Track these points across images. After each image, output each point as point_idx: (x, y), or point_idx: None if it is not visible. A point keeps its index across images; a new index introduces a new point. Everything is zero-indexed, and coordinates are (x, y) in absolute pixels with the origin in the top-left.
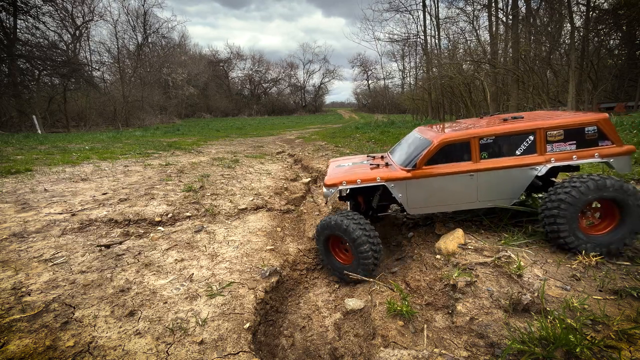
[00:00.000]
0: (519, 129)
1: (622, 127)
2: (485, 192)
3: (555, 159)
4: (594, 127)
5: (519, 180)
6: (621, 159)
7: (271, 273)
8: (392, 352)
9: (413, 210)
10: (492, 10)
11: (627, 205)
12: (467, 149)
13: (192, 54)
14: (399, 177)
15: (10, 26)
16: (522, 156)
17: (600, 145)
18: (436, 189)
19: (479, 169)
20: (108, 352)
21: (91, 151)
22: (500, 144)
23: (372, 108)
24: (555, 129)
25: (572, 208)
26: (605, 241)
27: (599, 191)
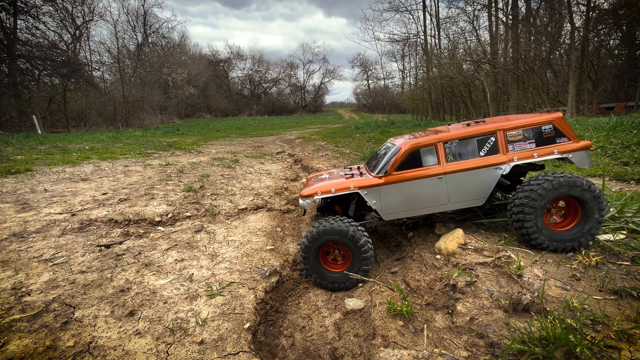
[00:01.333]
0: (481, 131)
1: (622, 127)
2: (455, 194)
3: (517, 157)
4: (550, 125)
5: (485, 180)
6: (579, 154)
7: (271, 273)
8: (392, 352)
9: (388, 216)
10: (492, 10)
11: (584, 201)
12: (434, 153)
13: (192, 54)
14: (371, 184)
15: (10, 26)
16: (487, 157)
17: (557, 142)
18: (408, 193)
19: (447, 172)
20: (108, 352)
21: (91, 151)
22: (464, 147)
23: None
24: (514, 129)
25: (535, 207)
26: (569, 237)
27: (556, 190)
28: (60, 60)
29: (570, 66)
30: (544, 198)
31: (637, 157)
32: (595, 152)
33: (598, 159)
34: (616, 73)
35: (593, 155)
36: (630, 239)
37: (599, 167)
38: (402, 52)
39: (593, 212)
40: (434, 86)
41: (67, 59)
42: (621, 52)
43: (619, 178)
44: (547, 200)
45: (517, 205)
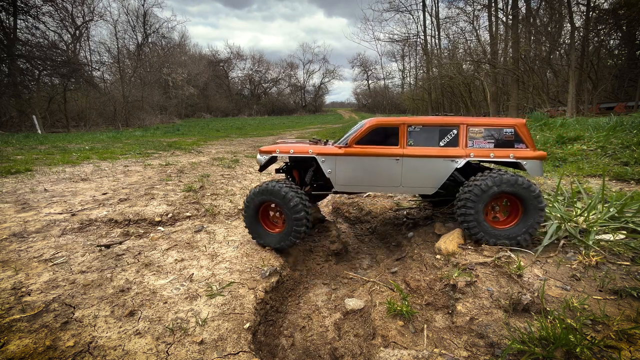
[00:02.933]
0: (445, 121)
1: (622, 127)
2: (409, 178)
3: (474, 154)
4: (512, 129)
5: (440, 170)
6: (532, 162)
7: (271, 273)
8: (392, 352)
9: (340, 187)
10: (492, 10)
11: (525, 200)
12: (396, 134)
13: (192, 54)
14: (330, 152)
15: (10, 26)
16: (445, 148)
17: (515, 147)
18: (363, 167)
19: (405, 154)
20: (108, 352)
21: (91, 151)
22: (427, 134)
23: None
24: (477, 126)
25: (477, 203)
26: (509, 234)
27: (498, 186)
28: (60, 60)
29: (570, 66)
30: (484, 195)
31: (637, 157)
32: (595, 152)
33: (598, 159)
34: (616, 73)
35: (593, 155)
36: (630, 239)
37: (599, 167)
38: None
39: (532, 212)
40: (434, 86)
41: (67, 59)
42: (621, 52)
43: (619, 178)
44: (488, 196)
45: (461, 199)
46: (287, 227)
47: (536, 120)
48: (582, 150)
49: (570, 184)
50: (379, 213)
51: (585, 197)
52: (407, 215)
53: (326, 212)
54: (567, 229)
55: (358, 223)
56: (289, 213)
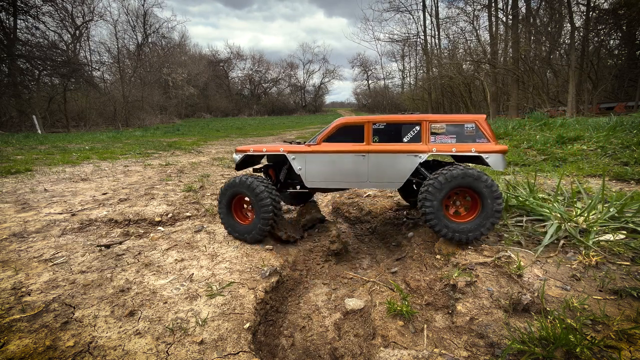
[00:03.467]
0: (408, 119)
1: (622, 127)
2: (375, 173)
3: (436, 149)
4: (472, 125)
5: (404, 165)
6: (494, 156)
7: (271, 273)
8: (392, 352)
9: (310, 184)
10: (492, 10)
11: (483, 195)
12: (362, 132)
13: (192, 54)
14: (299, 150)
15: (10, 26)
16: (409, 143)
17: (477, 141)
18: (331, 164)
19: (370, 151)
20: (108, 352)
21: (91, 151)
22: (390, 131)
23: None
24: (438, 122)
25: (436, 196)
26: (466, 228)
27: (456, 180)
28: (60, 60)
29: (570, 66)
30: (441, 189)
31: (637, 157)
32: (595, 152)
33: (598, 159)
34: (616, 73)
35: (593, 155)
36: (630, 239)
37: (599, 167)
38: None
39: (489, 203)
40: (434, 86)
41: (67, 59)
42: (621, 52)
43: (619, 178)
44: (444, 191)
45: (420, 198)
46: (255, 217)
47: (536, 120)
48: (582, 150)
49: (570, 184)
50: (379, 213)
51: (585, 197)
52: (407, 215)
53: (326, 212)
54: (567, 229)
55: (358, 223)
56: (256, 201)
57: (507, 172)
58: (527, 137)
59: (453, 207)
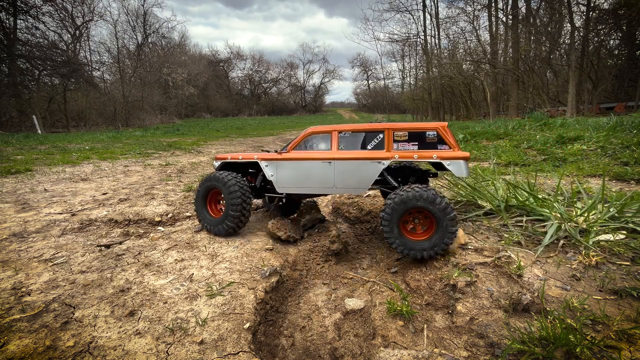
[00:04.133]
0: (372, 127)
1: (622, 127)
2: (340, 179)
3: (399, 155)
4: (434, 132)
5: (368, 171)
6: (456, 162)
7: (271, 273)
8: (392, 352)
9: (281, 189)
10: (492, 10)
11: (437, 217)
12: (329, 140)
13: (192, 54)
14: (271, 158)
15: (10, 26)
16: (373, 151)
17: (439, 148)
18: (300, 171)
19: (336, 158)
20: (108, 352)
21: (91, 151)
22: (356, 139)
23: (372, 108)
24: (400, 130)
25: (392, 216)
26: (421, 247)
27: (410, 202)
28: (60, 60)
29: (570, 66)
30: (397, 210)
31: (637, 157)
32: (595, 152)
33: (598, 159)
34: (616, 73)
35: (593, 155)
36: (630, 239)
37: (599, 167)
38: (402, 52)
39: (443, 225)
40: (434, 86)
41: (67, 59)
42: (621, 52)
43: (619, 178)
44: (400, 212)
45: (380, 212)
46: (224, 212)
47: (536, 120)
48: (582, 150)
49: (570, 184)
50: (379, 213)
51: (585, 197)
52: None
53: (326, 212)
54: (567, 229)
55: (358, 223)
56: (227, 198)
57: (507, 172)
58: (527, 137)
59: (412, 223)
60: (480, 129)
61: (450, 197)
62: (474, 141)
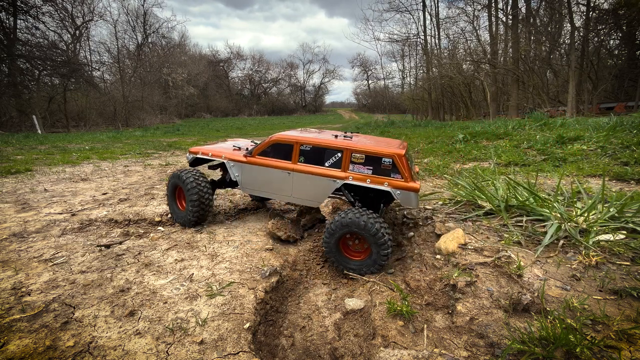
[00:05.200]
0: (332, 145)
1: (622, 127)
2: (298, 190)
3: (352, 177)
4: (390, 159)
5: (322, 187)
6: (404, 193)
7: (271, 273)
8: (392, 352)
9: (244, 190)
10: (492, 10)
11: (367, 238)
12: (290, 151)
13: (192, 54)
14: (237, 159)
15: (10, 26)
16: (329, 168)
17: (392, 176)
18: (262, 176)
19: (295, 169)
20: (108, 352)
21: (91, 151)
22: (316, 154)
23: (372, 108)
24: (358, 152)
25: (331, 238)
26: (358, 266)
27: (346, 227)
28: (60, 60)
29: (570, 66)
30: (334, 233)
31: (637, 157)
32: (595, 152)
33: (598, 159)
34: (616, 73)
35: (593, 155)
36: (630, 239)
37: (599, 167)
38: (402, 52)
39: (375, 247)
40: (434, 86)
41: (67, 59)
42: (621, 52)
43: (619, 178)
44: (337, 235)
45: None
46: (186, 204)
47: (536, 120)
48: (582, 150)
49: (570, 184)
50: None
51: (585, 197)
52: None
53: (326, 212)
54: (567, 229)
55: None
56: (187, 195)
57: (507, 172)
58: (527, 137)
59: (353, 243)
60: (480, 129)
61: (450, 197)
62: (474, 141)
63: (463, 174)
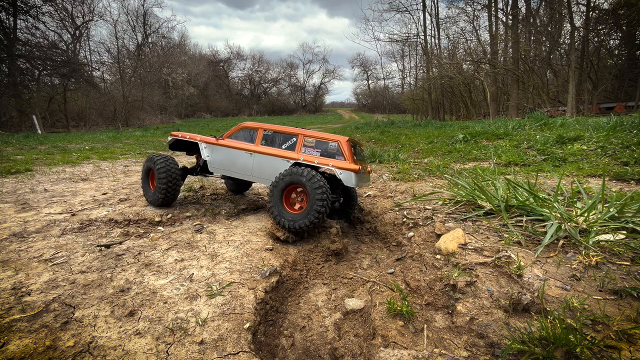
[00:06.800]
0: (289, 131)
1: (622, 127)
2: (257, 170)
3: (304, 158)
4: (335, 144)
5: (278, 166)
6: (345, 173)
7: (271, 273)
8: (392, 352)
9: (213, 170)
10: (492, 10)
11: (306, 188)
12: (255, 135)
13: (192, 54)
14: (209, 141)
15: (10, 26)
16: (285, 150)
17: (336, 158)
18: (228, 156)
19: (256, 151)
20: (108, 352)
21: (91, 151)
22: (275, 138)
23: (372, 108)
24: (310, 137)
25: (274, 190)
26: (295, 218)
27: (286, 177)
28: (60, 60)
29: (570, 66)
30: (277, 185)
31: (637, 157)
32: (595, 152)
33: (598, 159)
34: (616, 73)
35: (593, 155)
36: (630, 239)
37: (599, 167)
38: (402, 52)
39: (310, 193)
40: (434, 86)
41: (67, 59)
42: (621, 52)
43: (619, 178)
44: (280, 187)
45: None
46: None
47: (536, 120)
48: (582, 150)
49: (570, 184)
50: (379, 213)
51: (585, 197)
52: (407, 215)
53: None
54: (567, 229)
55: (358, 223)
56: (157, 176)
57: (507, 172)
58: (527, 137)
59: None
60: (480, 129)
61: (450, 197)
62: (474, 141)
63: (463, 174)
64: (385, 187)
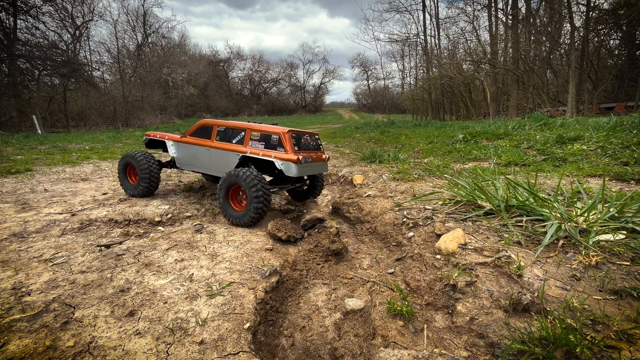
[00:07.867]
0: (238, 126)
1: (622, 127)
2: (214, 163)
3: (250, 151)
4: (277, 136)
5: (230, 159)
6: (285, 163)
7: (271, 273)
8: (392, 352)
9: (179, 165)
10: (492, 10)
11: (244, 187)
12: (211, 132)
13: (192, 54)
14: (173, 139)
15: (10, 26)
16: (235, 144)
17: (278, 150)
18: (190, 152)
19: (211, 146)
20: (108, 352)
21: (91, 151)
22: (227, 133)
23: (372, 108)
24: (255, 131)
25: (221, 191)
26: (237, 215)
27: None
28: (60, 60)
29: (570, 66)
30: (222, 187)
31: (637, 157)
32: (595, 152)
33: (598, 159)
34: (616, 73)
35: (593, 155)
36: (630, 239)
37: (599, 167)
38: (402, 52)
39: (249, 200)
40: (434, 86)
41: (67, 59)
42: (621, 52)
43: (619, 178)
44: (224, 188)
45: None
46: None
47: (536, 120)
48: (582, 150)
49: (570, 184)
50: (379, 213)
51: (585, 197)
52: (407, 215)
53: (326, 212)
54: (567, 229)
55: (358, 223)
56: (138, 170)
57: (507, 172)
58: (527, 137)
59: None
60: (480, 129)
61: (450, 197)
62: (474, 141)
63: (463, 174)
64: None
